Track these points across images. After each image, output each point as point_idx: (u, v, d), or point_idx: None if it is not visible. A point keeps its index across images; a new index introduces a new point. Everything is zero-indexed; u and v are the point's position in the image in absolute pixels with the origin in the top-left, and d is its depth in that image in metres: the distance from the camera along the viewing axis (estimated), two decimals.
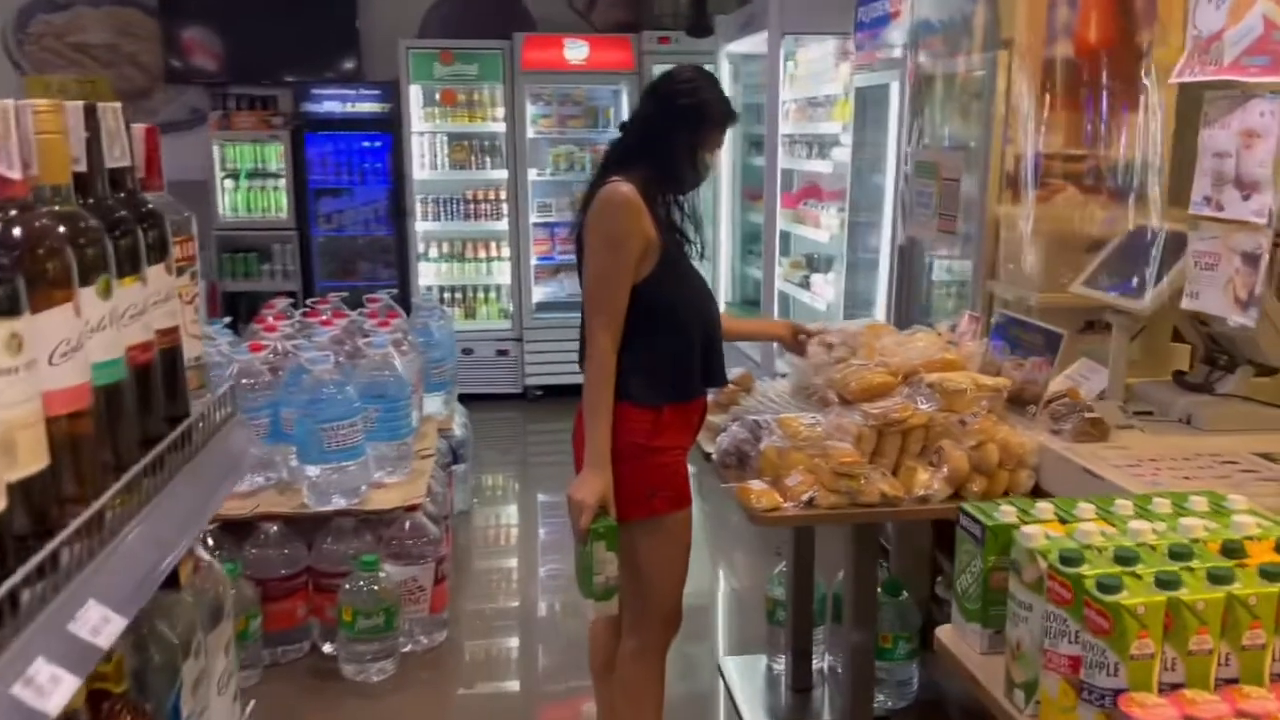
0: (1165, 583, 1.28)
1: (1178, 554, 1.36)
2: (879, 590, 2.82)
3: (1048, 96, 2.90)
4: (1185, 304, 2.03)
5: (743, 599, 3.98)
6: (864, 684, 2.68)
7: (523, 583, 4.35)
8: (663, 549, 2.34)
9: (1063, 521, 1.57)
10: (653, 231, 2.27)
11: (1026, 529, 1.46)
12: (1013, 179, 3.01)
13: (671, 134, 2.32)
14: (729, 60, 5.93)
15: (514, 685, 3.51)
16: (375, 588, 3.18)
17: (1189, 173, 1.98)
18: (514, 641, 3.78)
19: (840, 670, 2.98)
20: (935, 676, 2.99)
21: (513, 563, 4.61)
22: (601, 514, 2.20)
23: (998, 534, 1.58)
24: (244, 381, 3.35)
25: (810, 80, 5.05)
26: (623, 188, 2.26)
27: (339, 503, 3.30)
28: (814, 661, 3.16)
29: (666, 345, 2.31)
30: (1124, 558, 1.35)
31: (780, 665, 3.22)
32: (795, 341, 2.81)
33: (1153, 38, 2.92)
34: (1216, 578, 1.29)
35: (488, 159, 6.56)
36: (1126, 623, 1.24)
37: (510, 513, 5.28)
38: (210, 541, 3.28)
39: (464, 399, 5.70)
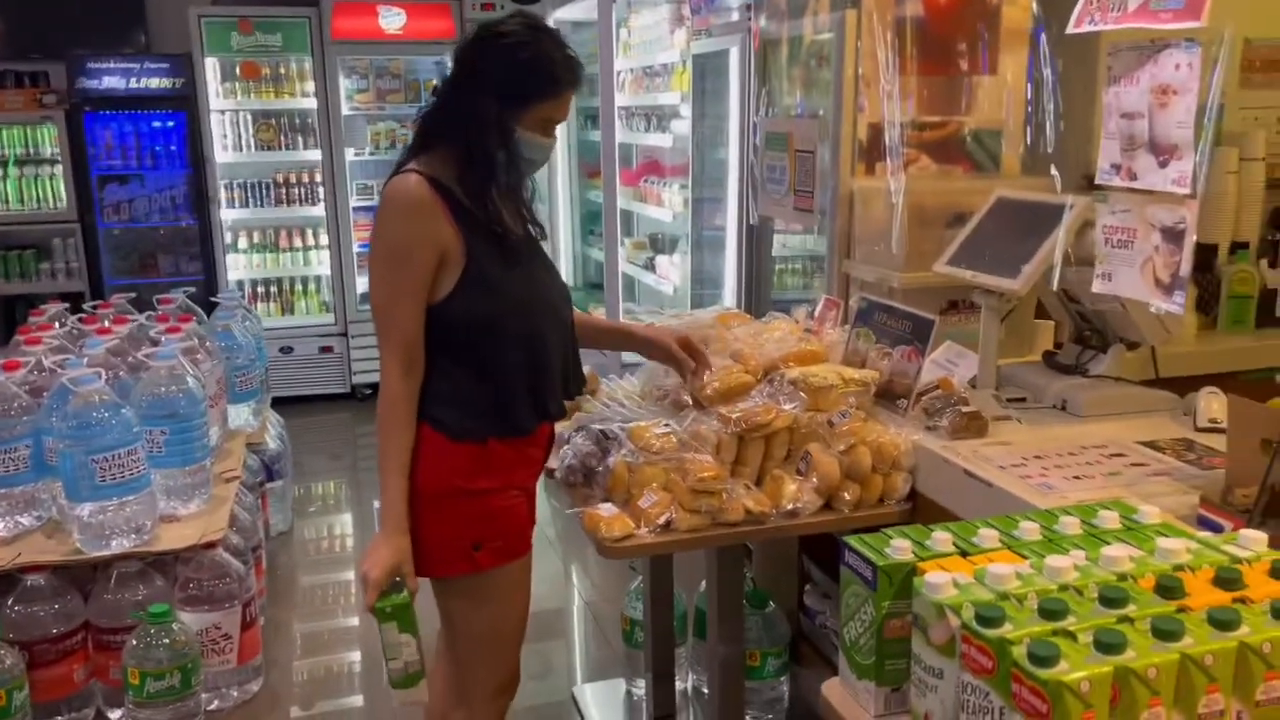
0: (1107, 645, 1.04)
1: (1110, 599, 1.13)
2: (743, 603, 2.58)
3: (899, 60, 2.69)
4: (1097, 287, 1.83)
5: (599, 617, 3.68)
6: (733, 706, 2.44)
7: (360, 597, 3.94)
8: (491, 611, 1.96)
9: (964, 555, 1.33)
10: (451, 236, 1.83)
11: (932, 577, 1.20)
12: (866, 150, 2.80)
13: (475, 104, 1.83)
14: (558, 28, 5.57)
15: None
16: (167, 641, 2.72)
17: (1080, 136, 1.78)
18: (348, 666, 3.39)
19: (706, 691, 2.73)
20: (806, 692, 2.77)
21: (347, 576, 4.18)
22: (393, 588, 1.82)
23: (891, 575, 1.32)
24: None
25: (645, 48, 4.76)
26: (409, 181, 1.83)
27: (120, 545, 2.80)
28: (677, 683, 2.90)
29: (480, 371, 1.89)
30: (1051, 610, 1.11)
31: (640, 690, 2.94)
32: (678, 358, 2.21)
33: None
34: (1164, 632, 1.06)
35: (299, 138, 5.99)
36: (1068, 704, 1.00)
37: (343, 523, 4.84)
38: None
39: (285, 402, 5.20)
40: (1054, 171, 2.08)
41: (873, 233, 2.71)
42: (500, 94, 1.83)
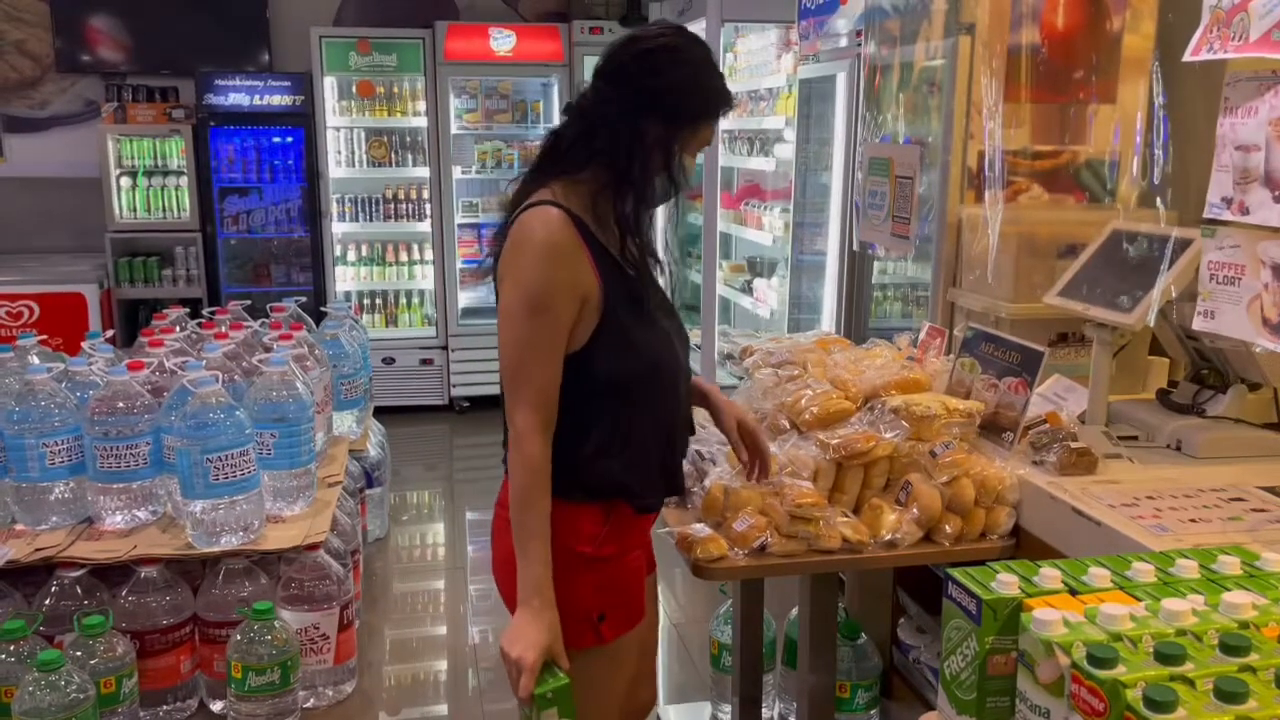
0: (1229, 694, 1.00)
1: (1232, 647, 1.09)
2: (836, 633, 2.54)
3: (1013, 87, 2.65)
4: (1198, 324, 1.76)
5: (685, 638, 3.67)
6: None
7: (449, 607, 4.01)
8: (607, 681, 1.80)
9: (1074, 593, 1.30)
10: (593, 282, 1.64)
11: (1040, 614, 1.17)
12: (975, 177, 2.76)
13: (639, 127, 1.63)
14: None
15: None
16: (269, 638, 2.80)
17: (1188, 169, 1.72)
18: (434, 674, 3.45)
19: None
20: None
21: (438, 584, 4.26)
22: (547, 671, 1.64)
23: (997, 609, 1.29)
24: (119, 406, 2.94)
25: (751, 72, 4.78)
26: (551, 217, 1.62)
27: (229, 542, 2.91)
28: (764, 710, 2.87)
29: (612, 431, 1.71)
30: (1168, 655, 1.07)
31: (726, 715, 2.92)
32: (735, 432, 2.01)
33: (1124, 23, 2.70)
34: None
35: (409, 155, 6.17)
36: None
37: (436, 532, 4.93)
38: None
39: (385, 412, 5.33)
40: (1159, 204, 2.02)
41: (980, 261, 2.67)
42: (668, 113, 1.65)
